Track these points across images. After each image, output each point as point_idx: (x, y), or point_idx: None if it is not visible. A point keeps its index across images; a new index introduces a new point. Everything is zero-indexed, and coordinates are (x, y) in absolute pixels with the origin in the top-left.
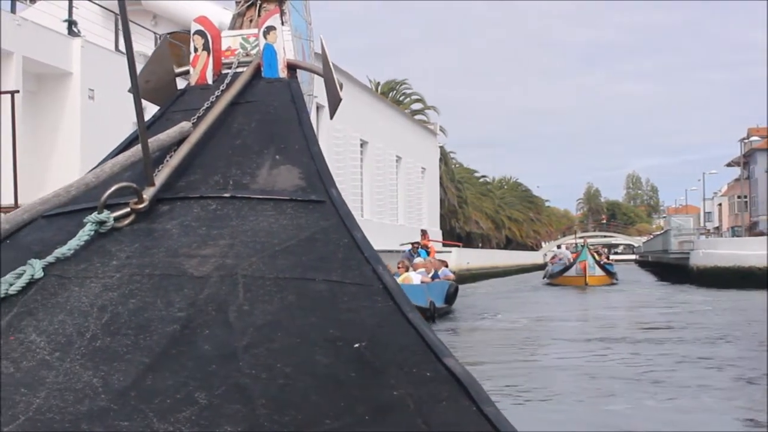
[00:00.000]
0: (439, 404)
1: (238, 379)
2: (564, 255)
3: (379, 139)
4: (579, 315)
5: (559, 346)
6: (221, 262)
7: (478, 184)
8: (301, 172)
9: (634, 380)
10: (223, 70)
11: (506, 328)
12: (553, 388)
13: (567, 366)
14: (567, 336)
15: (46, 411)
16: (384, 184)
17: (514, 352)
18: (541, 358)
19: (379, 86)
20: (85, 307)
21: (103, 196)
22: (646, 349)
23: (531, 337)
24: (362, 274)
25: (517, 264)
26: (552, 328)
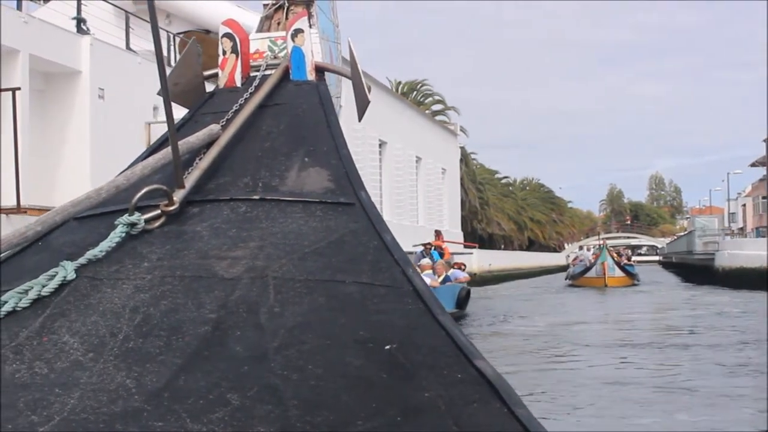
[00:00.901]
0: (470, 406)
1: (269, 380)
2: (585, 256)
3: (399, 139)
4: (601, 318)
5: (581, 352)
6: (251, 263)
7: (499, 185)
8: (330, 175)
9: (664, 389)
10: (252, 72)
11: (525, 333)
12: (575, 398)
13: (590, 374)
14: (589, 341)
15: (81, 411)
16: (403, 185)
17: (533, 359)
18: (561, 365)
19: (399, 86)
20: (118, 308)
21: (134, 198)
22: (673, 355)
23: (551, 342)
24: (392, 277)
25: (540, 265)
26: (573, 332)
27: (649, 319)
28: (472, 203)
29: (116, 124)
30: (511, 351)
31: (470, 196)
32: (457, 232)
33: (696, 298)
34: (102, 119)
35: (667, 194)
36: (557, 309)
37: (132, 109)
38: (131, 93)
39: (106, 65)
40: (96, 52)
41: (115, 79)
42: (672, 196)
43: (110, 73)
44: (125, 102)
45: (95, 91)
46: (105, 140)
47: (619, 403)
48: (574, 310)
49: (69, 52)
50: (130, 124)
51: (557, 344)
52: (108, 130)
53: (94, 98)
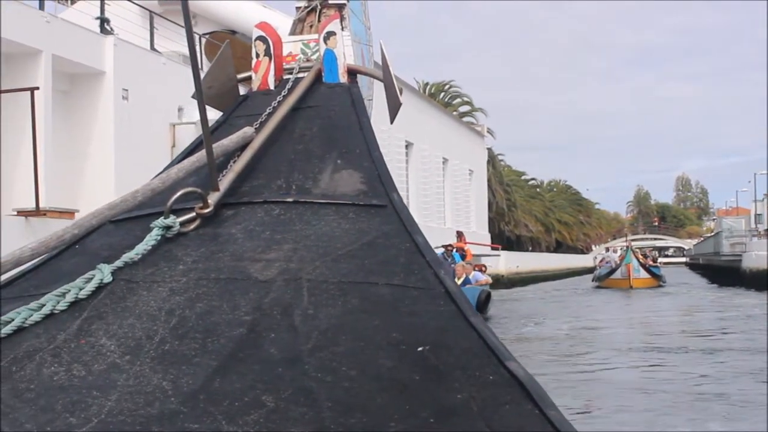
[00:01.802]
0: (503, 407)
1: (304, 382)
2: (611, 258)
3: (425, 140)
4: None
5: (607, 357)
6: (285, 266)
7: (527, 186)
8: (363, 177)
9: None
10: (285, 75)
11: (549, 336)
12: (602, 406)
13: (616, 380)
14: (614, 345)
15: (118, 413)
16: (430, 186)
17: (557, 364)
18: (586, 370)
19: (427, 87)
20: (154, 311)
21: (169, 201)
22: (701, 359)
23: (575, 346)
24: (424, 278)
25: (567, 267)
26: (598, 335)
27: (675, 322)
28: (499, 205)
29: (140, 125)
30: (534, 355)
31: (497, 198)
32: (484, 233)
33: (723, 300)
34: (126, 120)
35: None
36: (583, 311)
37: (156, 110)
38: (156, 94)
39: (131, 66)
40: (120, 53)
41: (140, 79)
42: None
43: (134, 74)
44: (150, 103)
45: (119, 91)
46: (129, 141)
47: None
48: (599, 312)
49: (93, 53)
50: (155, 125)
51: (582, 348)
52: (132, 131)
53: (118, 99)
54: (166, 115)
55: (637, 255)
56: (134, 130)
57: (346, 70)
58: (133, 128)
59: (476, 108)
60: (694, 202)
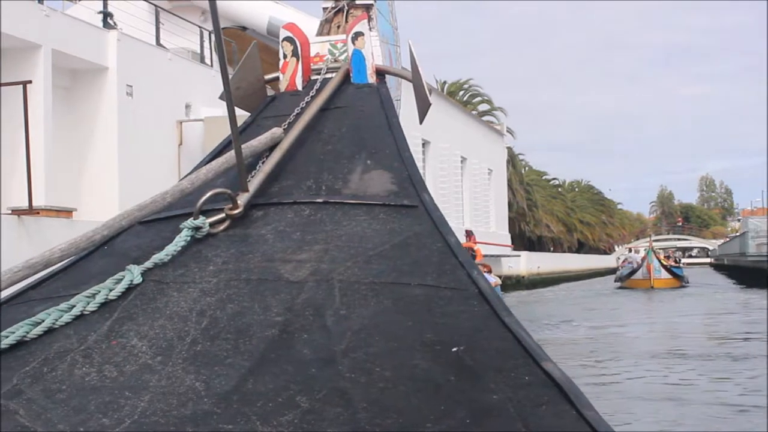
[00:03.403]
0: (539, 408)
1: (338, 383)
2: (633, 258)
3: (443, 139)
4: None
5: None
6: (317, 266)
7: (548, 186)
8: (393, 177)
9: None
10: (312, 76)
11: (569, 340)
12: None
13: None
14: (637, 349)
15: (151, 414)
16: (448, 185)
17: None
18: (608, 377)
19: (445, 86)
20: (184, 311)
21: (199, 202)
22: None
23: (596, 350)
24: (457, 279)
25: (589, 268)
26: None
27: (699, 324)
28: (519, 205)
29: (146, 122)
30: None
31: (518, 198)
32: (504, 233)
33: (750, 301)
34: (131, 117)
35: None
36: (603, 313)
37: (162, 106)
38: (162, 90)
39: (135, 61)
40: (124, 48)
41: (145, 75)
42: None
43: (139, 70)
44: (155, 99)
45: (123, 88)
46: (134, 139)
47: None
48: (620, 314)
49: (95, 48)
50: (161, 123)
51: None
52: (137, 128)
53: (122, 95)
54: (172, 112)
55: (658, 255)
56: (139, 127)
57: (374, 70)
58: (138, 125)
59: (496, 107)
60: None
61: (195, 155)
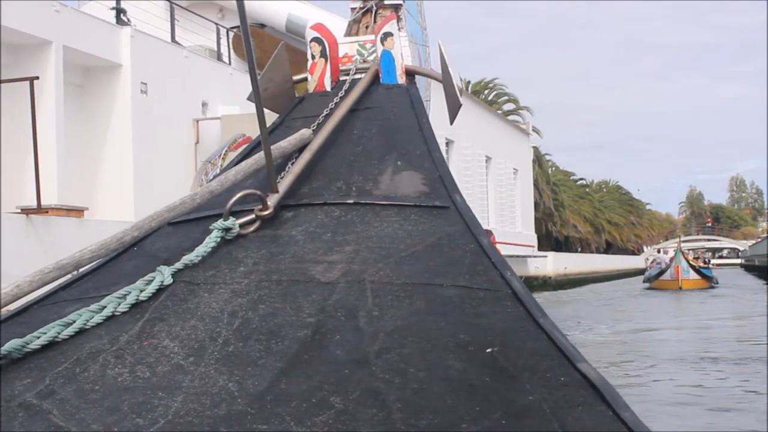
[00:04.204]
0: (575, 409)
1: (372, 384)
2: (661, 259)
3: (467, 138)
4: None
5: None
6: (348, 268)
7: (575, 187)
8: (424, 178)
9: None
10: (341, 76)
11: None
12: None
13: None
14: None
15: (185, 414)
16: (472, 185)
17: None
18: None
19: (469, 85)
20: (216, 312)
21: (229, 203)
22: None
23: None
24: (490, 280)
25: (617, 269)
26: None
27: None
28: (546, 205)
29: (161, 120)
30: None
31: (545, 198)
32: (530, 234)
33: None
34: (145, 115)
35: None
36: (631, 315)
37: (178, 104)
38: (177, 88)
39: (149, 59)
40: (137, 45)
41: (160, 73)
42: (754, 198)
43: (154, 67)
44: (171, 97)
45: (137, 85)
46: (149, 137)
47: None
48: (647, 315)
49: (108, 44)
50: (177, 121)
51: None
52: (152, 126)
53: (136, 93)
54: (189, 110)
55: (687, 256)
56: (154, 125)
57: (404, 71)
58: (154, 124)
59: (521, 106)
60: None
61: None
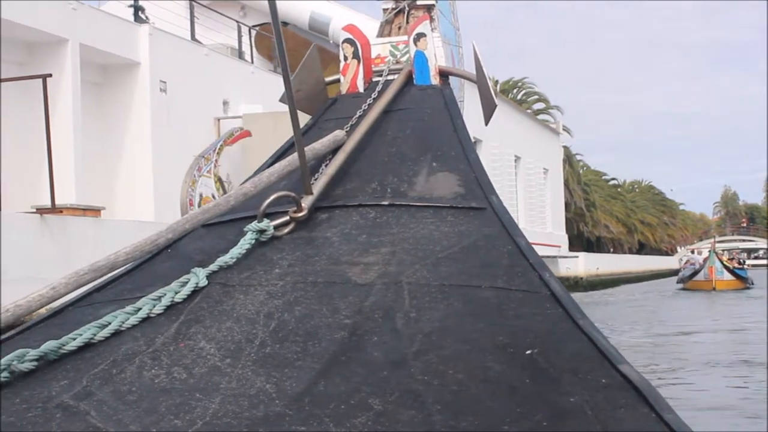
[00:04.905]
0: (617, 411)
1: (410, 385)
2: (695, 259)
3: (495, 137)
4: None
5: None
6: (384, 269)
7: (607, 187)
8: (460, 179)
9: None
10: (374, 78)
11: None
12: None
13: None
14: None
15: (223, 416)
16: (501, 185)
17: None
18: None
19: (498, 84)
20: (252, 314)
21: (263, 205)
22: None
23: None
24: (528, 281)
25: (650, 269)
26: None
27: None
28: (577, 205)
29: (181, 119)
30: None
31: (576, 198)
32: (561, 234)
33: None
34: (165, 114)
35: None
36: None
37: (199, 103)
38: (198, 86)
39: (169, 57)
40: (156, 43)
41: (179, 71)
42: None
43: (173, 65)
44: (191, 96)
45: (156, 83)
46: (168, 136)
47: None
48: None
49: (125, 42)
50: (197, 119)
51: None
52: (172, 125)
53: (155, 91)
54: (209, 109)
55: (721, 256)
56: (174, 124)
57: (437, 71)
58: (173, 122)
59: (551, 105)
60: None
61: (233, 152)
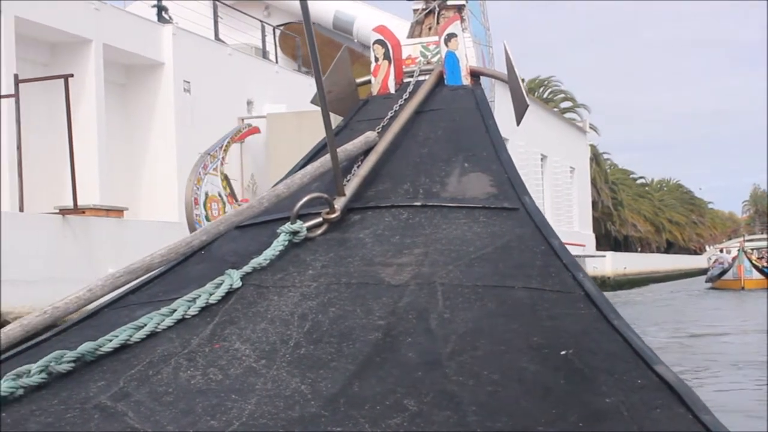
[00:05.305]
0: (654, 411)
1: (445, 386)
2: (723, 258)
3: (521, 136)
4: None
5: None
6: (417, 270)
7: (634, 185)
8: (492, 180)
9: None
10: (405, 78)
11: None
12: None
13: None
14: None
15: (259, 417)
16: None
17: None
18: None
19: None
20: (286, 315)
21: (296, 206)
22: None
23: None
24: (562, 282)
25: (679, 268)
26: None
27: None
28: (605, 204)
29: (205, 119)
30: None
31: (603, 197)
32: (588, 233)
33: None
34: (188, 114)
35: None
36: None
37: (222, 103)
38: (221, 86)
39: (192, 57)
40: (180, 43)
41: (203, 71)
42: None
43: (197, 65)
44: (215, 96)
45: (180, 84)
46: (192, 136)
47: None
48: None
49: (149, 43)
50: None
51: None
52: (196, 125)
53: (179, 92)
54: (233, 109)
55: (750, 255)
56: (198, 124)
57: (468, 72)
58: (197, 122)
59: (578, 104)
60: None
61: (257, 153)
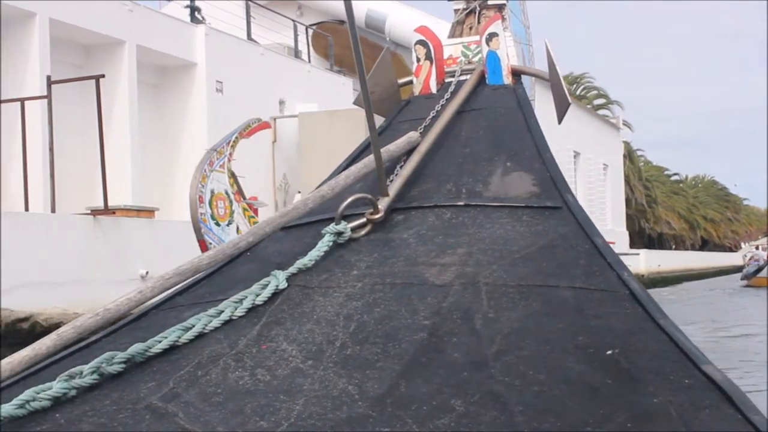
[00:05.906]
0: (702, 411)
1: (491, 387)
2: (759, 255)
3: (553, 133)
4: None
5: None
6: (461, 270)
7: (668, 182)
8: (534, 179)
9: None
10: (446, 78)
11: None
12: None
13: None
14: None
15: (307, 417)
16: None
17: None
18: None
19: None
20: (331, 316)
21: (340, 207)
22: None
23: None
24: (607, 280)
25: (714, 266)
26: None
27: None
28: (638, 201)
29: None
30: None
31: (636, 194)
32: (621, 231)
33: None
34: (221, 114)
35: None
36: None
37: (255, 103)
38: (254, 86)
39: (225, 57)
40: (212, 43)
41: (235, 71)
42: None
43: (229, 66)
44: (247, 96)
45: (212, 84)
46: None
47: None
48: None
49: (182, 43)
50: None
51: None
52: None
53: (212, 92)
54: (265, 109)
55: None
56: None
57: (510, 71)
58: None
59: (612, 100)
60: None
61: (290, 152)
